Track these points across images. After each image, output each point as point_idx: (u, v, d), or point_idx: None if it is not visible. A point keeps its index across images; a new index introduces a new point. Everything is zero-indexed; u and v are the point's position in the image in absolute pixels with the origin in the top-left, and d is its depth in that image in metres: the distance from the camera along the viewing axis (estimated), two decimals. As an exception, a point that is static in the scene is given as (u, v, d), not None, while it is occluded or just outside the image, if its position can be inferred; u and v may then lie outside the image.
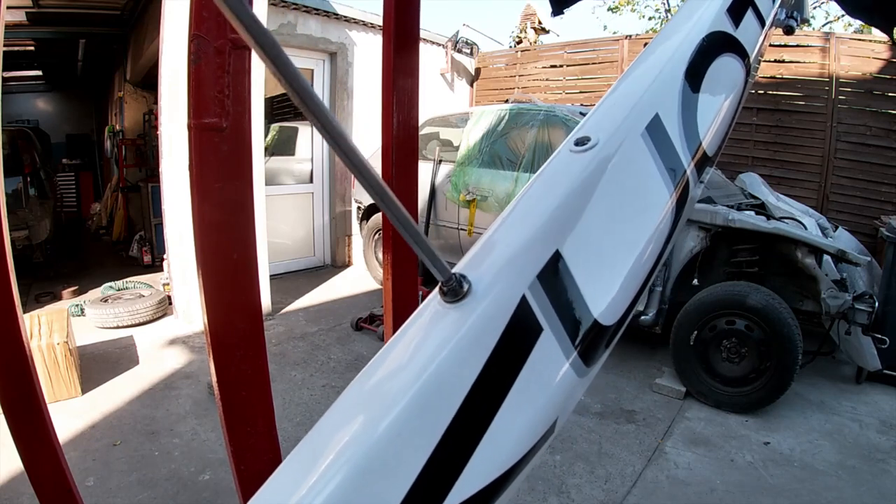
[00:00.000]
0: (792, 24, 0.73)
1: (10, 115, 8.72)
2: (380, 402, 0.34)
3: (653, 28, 9.89)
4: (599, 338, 0.39)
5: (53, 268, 5.14)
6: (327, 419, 0.35)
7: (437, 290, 0.38)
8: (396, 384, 0.34)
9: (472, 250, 0.41)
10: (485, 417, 0.33)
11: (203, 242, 0.64)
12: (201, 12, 0.56)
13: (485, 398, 0.34)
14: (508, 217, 0.43)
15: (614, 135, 0.45)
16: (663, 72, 0.50)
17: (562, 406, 0.38)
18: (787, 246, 2.83)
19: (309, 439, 0.34)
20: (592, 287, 0.39)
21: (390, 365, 0.37)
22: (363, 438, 0.32)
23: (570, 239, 0.39)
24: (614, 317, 0.40)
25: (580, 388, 0.39)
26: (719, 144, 0.53)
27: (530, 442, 0.35)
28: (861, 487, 2.16)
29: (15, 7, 4.96)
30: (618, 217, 0.43)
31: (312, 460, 0.32)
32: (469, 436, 0.33)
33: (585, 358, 0.38)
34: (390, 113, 0.90)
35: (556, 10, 1.01)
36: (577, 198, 0.41)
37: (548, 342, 0.36)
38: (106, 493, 2.05)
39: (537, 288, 0.37)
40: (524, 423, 0.35)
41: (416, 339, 0.37)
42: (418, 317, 0.39)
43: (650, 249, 0.43)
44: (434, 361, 0.34)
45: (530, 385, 0.35)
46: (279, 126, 5.48)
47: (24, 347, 0.94)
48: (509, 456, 0.34)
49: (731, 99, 0.54)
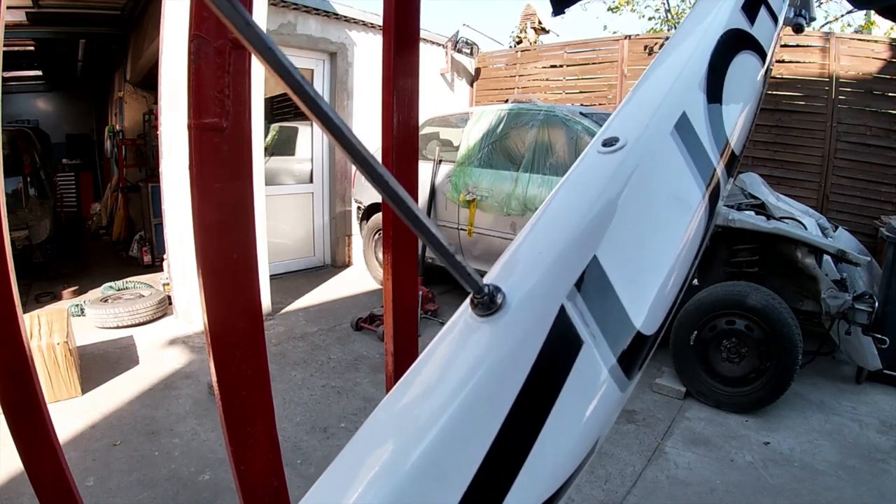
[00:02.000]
0: (801, 21, 0.73)
1: (10, 115, 8.72)
2: (410, 427, 0.31)
3: (653, 28, 9.88)
4: (641, 348, 0.37)
5: (53, 268, 5.13)
6: (352, 447, 0.33)
7: (467, 303, 0.35)
8: (428, 407, 0.31)
9: (503, 259, 0.39)
10: (525, 443, 0.31)
11: (203, 242, 0.64)
12: (201, 12, 0.56)
13: (526, 419, 0.31)
14: (539, 222, 0.41)
15: (643, 134, 0.44)
16: (685, 70, 0.49)
17: (604, 424, 0.35)
18: (787, 246, 2.83)
19: (334, 469, 0.32)
20: (632, 294, 0.36)
21: (421, 385, 0.34)
22: (393, 470, 0.29)
23: (605, 244, 0.37)
24: (655, 325, 0.38)
25: (621, 405, 0.36)
26: (744, 143, 0.51)
27: (574, 466, 0.33)
28: (861, 487, 2.16)
29: (15, 7, 4.96)
30: (652, 219, 0.41)
31: (338, 495, 0.30)
32: (508, 464, 0.30)
33: (627, 371, 0.36)
34: (390, 113, 0.90)
35: (557, 9, 1.01)
36: (609, 200, 0.39)
37: (589, 356, 0.34)
38: (106, 493, 2.05)
39: (576, 297, 0.34)
40: (568, 446, 0.32)
41: (447, 357, 0.35)
42: (448, 332, 0.36)
43: (686, 252, 0.41)
44: (469, 382, 0.31)
45: (573, 403, 0.32)
46: (279, 126, 5.48)
47: (24, 347, 0.94)
48: (552, 482, 0.31)
49: (753, 97, 0.53)
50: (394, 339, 0.97)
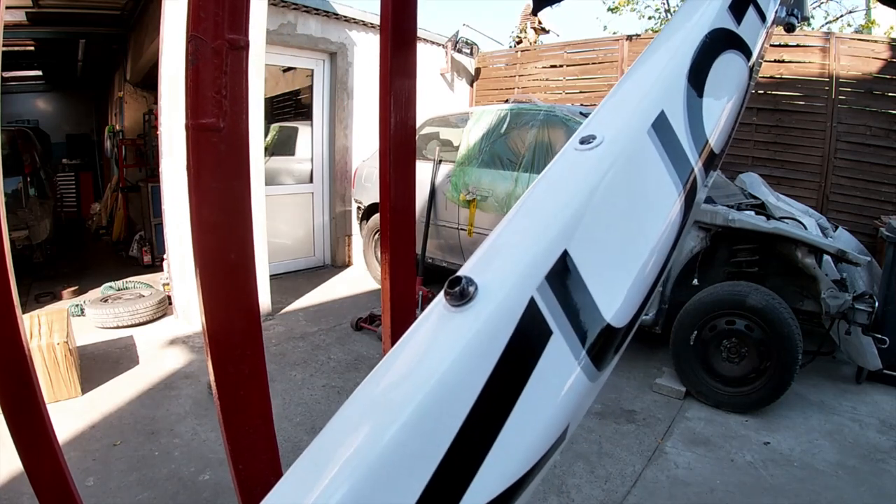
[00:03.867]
0: (793, 21, 0.73)
1: (10, 115, 8.73)
2: (385, 410, 0.32)
3: (653, 28, 9.88)
4: (611, 340, 0.38)
5: (53, 268, 5.14)
6: (330, 428, 0.34)
7: (442, 294, 0.36)
8: (402, 392, 0.33)
9: (478, 252, 0.40)
10: (494, 425, 0.32)
11: (201, 243, 0.64)
12: (198, 13, 0.56)
13: (494, 405, 0.32)
14: (514, 218, 0.42)
15: (620, 132, 0.44)
16: (667, 69, 0.50)
17: (573, 412, 0.36)
18: (787, 246, 2.83)
19: (312, 449, 0.33)
20: (603, 288, 0.38)
21: (396, 371, 0.36)
22: (368, 449, 0.31)
23: (577, 239, 0.38)
24: (625, 318, 0.39)
25: (592, 394, 0.38)
26: (725, 142, 0.52)
27: (542, 450, 0.34)
28: (861, 487, 2.16)
29: (15, 7, 4.97)
30: (626, 215, 0.42)
31: (316, 471, 0.31)
32: (478, 445, 0.32)
33: (597, 361, 0.37)
34: (388, 113, 0.90)
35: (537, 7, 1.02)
36: (583, 196, 0.40)
37: (558, 346, 0.35)
38: (106, 493, 2.05)
39: (546, 290, 0.35)
40: (535, 431, 0.34)
41: (421, 345, 0.36)
42: (424, 321, 0.37)
43: (660, 249, 0.42)
44: (441, 367, 0.32)
45: (541, 391, 0.34)
46: (279, 126, 5.48)
47: (24, 347, 0.94)
48: (520, 465, 0.33)
49: (735, 96, 0.53)
50: (392, 338, 0.97)
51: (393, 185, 0.93)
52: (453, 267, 4.28)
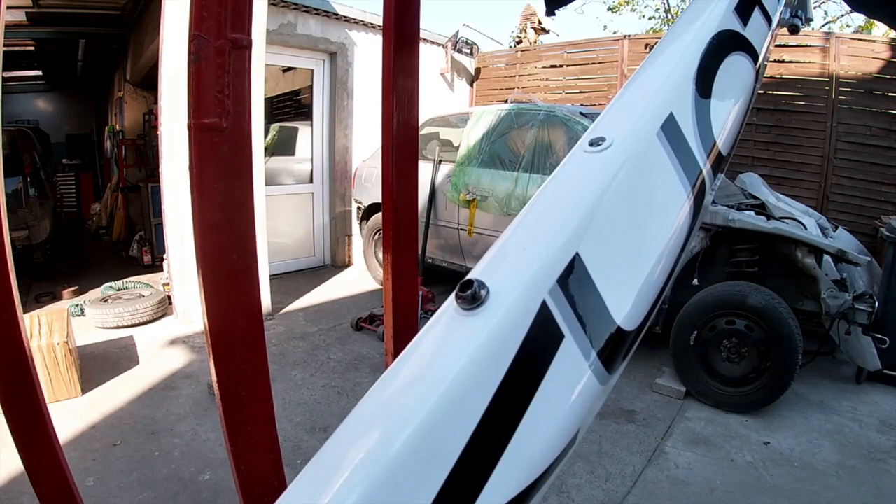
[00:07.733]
0: (797, 22, 0.73)
1: (10, 115, 8.73)
2: (397, 414, 0.32)
3: (653, 28, 9.89)
4: (622, 344, 0.38)
5: (53, 268, 5.14)
6: (342, 432, 0.34)
7: (453, 297, 0.36)
8: (413, 397, 0.33)
9: (488, 255, 0.40)
10: (507, 430, 0.32)
11: (203, 243, 0.63)
12: (201, 12, 0.56)
13: (506, 409, 0.32)
14: (524, 220, 0.42)
15: (629, 134, 0.44)
16: (675, 71, 0.49)
17: (584, 416, 0.36)
18: (787, 246, 2.83)
19: (322, 455, 0.33)
20: (613, 291, 0.37)
21: (407, 375, 0.35)
22: (380, 453, 0.30)
23: (588, 241, 0.38)
24: (636, 321, 0.39)
25: (602, 397, 0.38)
26: (732, 143, 0.52)
27: (553, 455, 0.34)
28: (861, 487, 2.16)
29: (15, 7, 4.96)
30: (636, 218, 0.41)
31: (326, 478, 0.31)
32: (490, 449, 0.31)
33: (608, 365, 0.37)
34: (390, 113, 0.90)
35: (550, 9, 1.02)
36: (594, 199, 0.40)
37: (570, 349, 0.35)
38: (106, 493, 2.05)
39: (557, 293, 0.35)
40: (547, 435, 0.34)
41: (432, 349, 0.36)
42: (434, 325, 0.37)
43: (669, 251, 0.42)
44: (453, 371, 0.32)
45: (552, 395, 0.34)
46: (279, 126, 5.48)
47: (24, 347, 0.94)
48: (532, 470, 0.33)
49: (742, 98, 0.53)
50: (394, 339, 0.97)
51: (395, 185, 0.93)
52: (453, 267, 4.28)
